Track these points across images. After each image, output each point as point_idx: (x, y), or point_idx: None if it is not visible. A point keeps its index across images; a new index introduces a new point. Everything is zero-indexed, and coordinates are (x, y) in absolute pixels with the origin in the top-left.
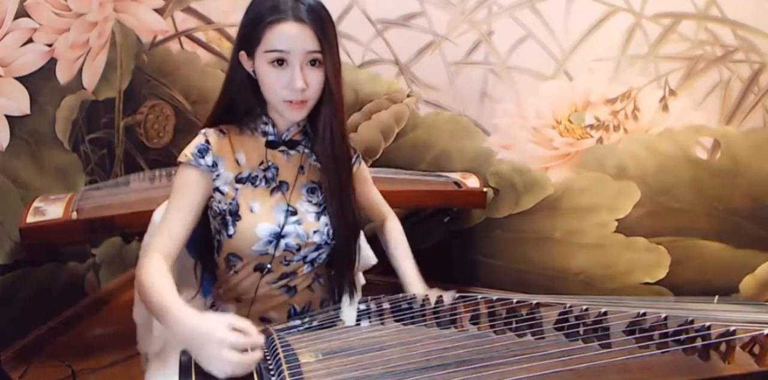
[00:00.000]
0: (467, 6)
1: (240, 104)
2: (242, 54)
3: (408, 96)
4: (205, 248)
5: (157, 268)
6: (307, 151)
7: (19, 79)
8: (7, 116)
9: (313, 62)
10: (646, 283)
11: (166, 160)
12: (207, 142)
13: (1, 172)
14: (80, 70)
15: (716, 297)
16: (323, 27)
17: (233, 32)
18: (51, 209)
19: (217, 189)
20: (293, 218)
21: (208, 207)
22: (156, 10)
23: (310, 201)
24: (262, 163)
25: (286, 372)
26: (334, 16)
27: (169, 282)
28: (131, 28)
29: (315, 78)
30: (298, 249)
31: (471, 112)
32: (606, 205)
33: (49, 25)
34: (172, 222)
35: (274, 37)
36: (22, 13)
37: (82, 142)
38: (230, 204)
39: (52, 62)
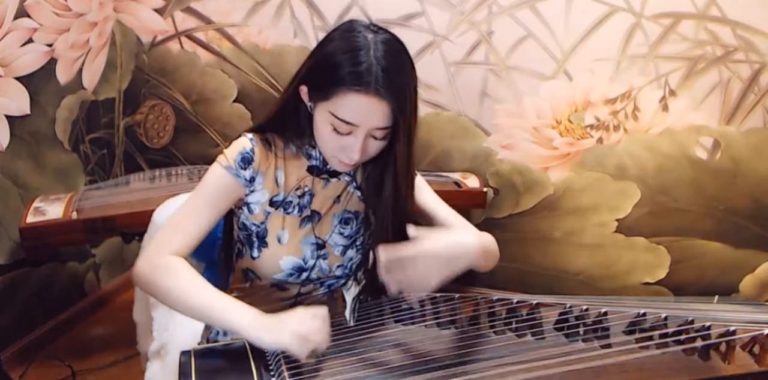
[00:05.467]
0: (467, 6)
1: (290, 122)
2: (303, 88)
3: None
4: (226, 250)
5: (189, 269)
6: (348, 178)
7: (19, 79)
8: (7, 116)
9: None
10: (646, 283)
11: (166, 160)
12: (252, 150)
13: (1, 172)
14: (80, 70)
15: (716, 297)
16: (403, 101)
17: (233, 32)
18: (51, 209)
19: (247, 204)
20: (320, 252)
21: (233, 214)
22: (156, 10)
23: (341, 234)
24: (299, 188)
25: (286, 373)
26: (334, 17)
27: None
28: (131, 28)
29: (374, 147)
30: (318, 279)
31: (471, 112)
32: (606, 205)
33: (49, 25)
34: (194, 224)
35: (346, 106)
36: (22, 13)
37: (82, 142)
38: (258, 227)
39: (52, 62)
